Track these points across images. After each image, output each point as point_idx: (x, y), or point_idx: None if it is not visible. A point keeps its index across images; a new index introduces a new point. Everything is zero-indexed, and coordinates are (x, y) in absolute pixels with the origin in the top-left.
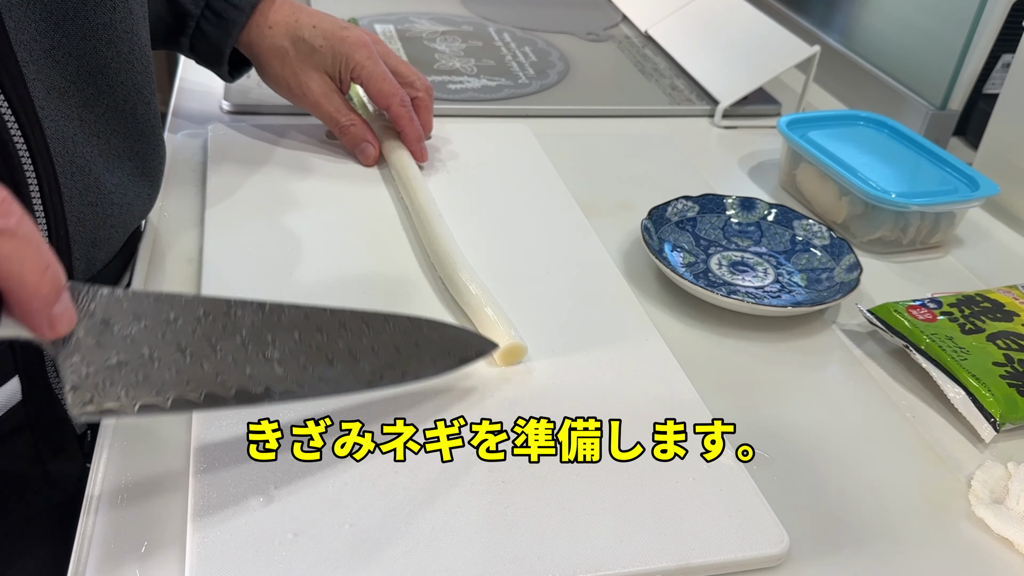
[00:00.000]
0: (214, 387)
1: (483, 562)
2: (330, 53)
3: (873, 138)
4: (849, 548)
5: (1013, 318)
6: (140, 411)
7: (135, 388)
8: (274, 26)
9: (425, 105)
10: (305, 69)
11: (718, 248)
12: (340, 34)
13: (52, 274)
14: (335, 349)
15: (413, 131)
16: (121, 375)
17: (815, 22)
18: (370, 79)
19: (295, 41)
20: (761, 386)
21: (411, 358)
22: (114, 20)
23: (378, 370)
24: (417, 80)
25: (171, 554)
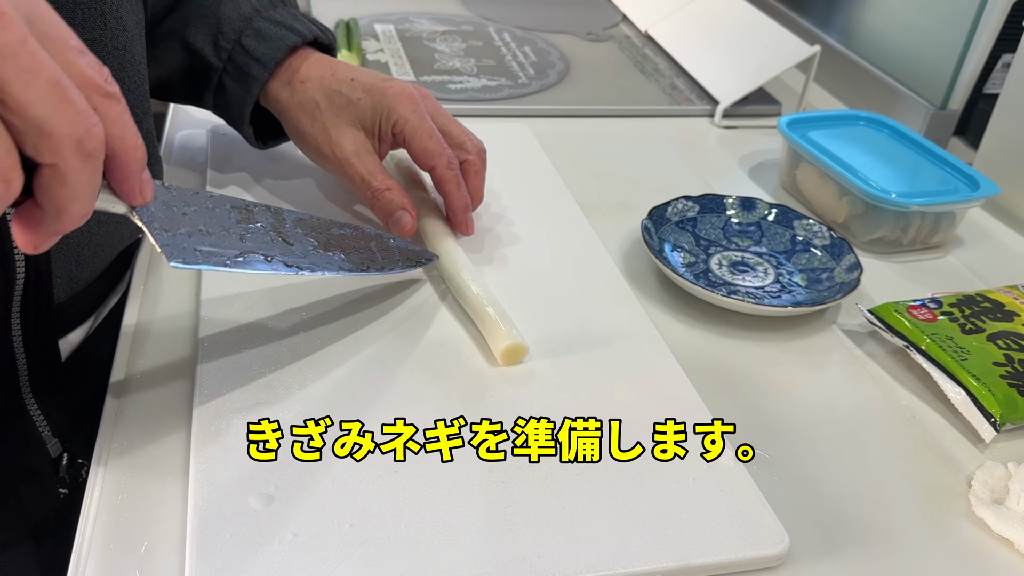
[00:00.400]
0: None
1: (483, 562)
2: (369, 106)
3: (873, 138)
4: (849, 548)
5: (1013, 318)
6: (214, 264)
7: (205, 250)
8: (307, 80)
9: (475, 170)
10: (338, 124)
11: (718, 248)
12: (382, 86)
13: (142, 141)
14: (330, 244)
15: (459, 199)
16: (191, 240)
17: (815, 22)
18: (414, 135)
19: (329, 94)
20: (761, 386)
21: (384, 258)
22: (104, 37)
23: (365, 261)
24: (468, 142)
25: (171, 554)
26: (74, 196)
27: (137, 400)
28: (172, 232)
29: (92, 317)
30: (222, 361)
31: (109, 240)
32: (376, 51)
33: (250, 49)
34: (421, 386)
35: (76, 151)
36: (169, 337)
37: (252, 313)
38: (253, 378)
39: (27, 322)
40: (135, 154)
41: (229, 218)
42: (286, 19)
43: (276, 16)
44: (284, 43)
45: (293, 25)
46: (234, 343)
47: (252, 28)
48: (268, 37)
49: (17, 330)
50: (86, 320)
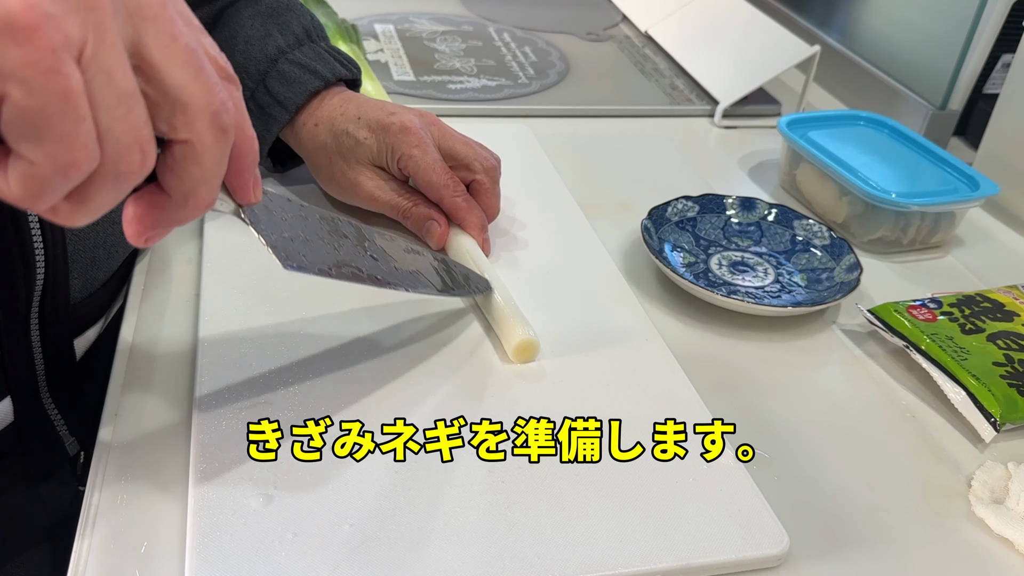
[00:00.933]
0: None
1: (483, 562)
2: (375, 145)
3: (873, 138)
4: (849, 548)
5: (1013, 318)
6: (319, 273)
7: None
8: (319, 123)
9: (484, 189)
10: (352, 165)
11: (718, 248)
12: (385, 121)
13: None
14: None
15: (474, 220)
16: (294, 245)
17: (815, 22)
18: (418, 171)
19: (337, 136)
20: (761, 386)
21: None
22: None
23: (439, 284)
24: (475, 162)
25: (171, 554)
26: (204, 178)
27: (137, 400)
28: (277, 235)
29: (103, 317)
30: (222, 361)
31: (123, 240)
32: (376, 51)
33: (273, 92)
34: (421, 386)
35: (212, 125)
36: (169, 337)
37: (252, 313)
38: (253, 378)
39: (45, 323)
40: (251, 146)
41: (320, 228)
42: (310, 61)
43: (301, 58)
44: (307, 88)
45: (316, 68)
46: (234, 343)
47: (276, 70)
48: (291, 81)
49: (36, 331)
50: (99, 320)
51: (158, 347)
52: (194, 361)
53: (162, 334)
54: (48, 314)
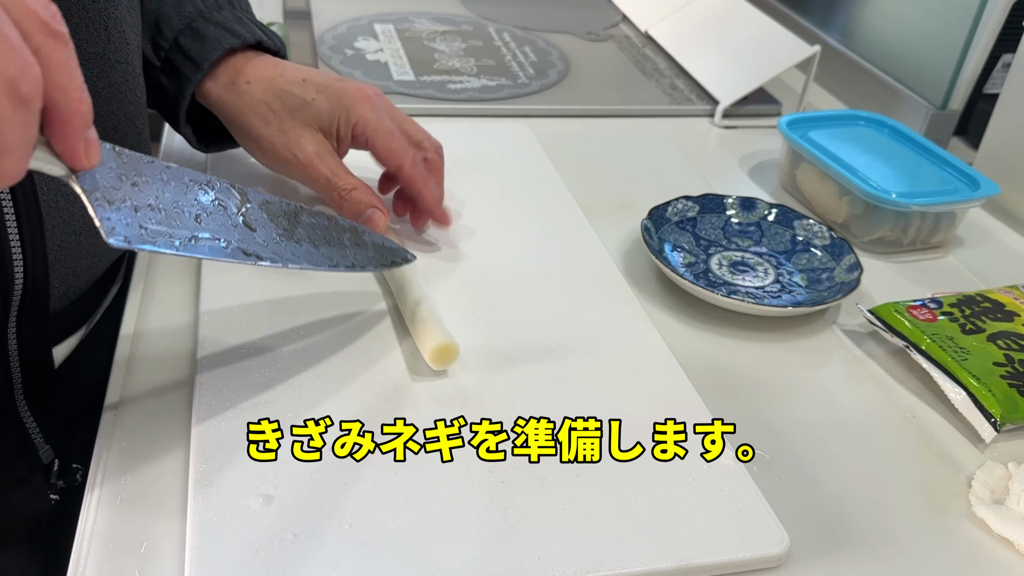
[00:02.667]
0: (214, 243)
1: (483, 562)
2: (326, 107)
3: (873, 138)
4: (849, 548)
5: (1013, 318)
6: (160, 246)
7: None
8: (253, 81)
9: (435, 167)
10: (295, 125)
11: (718, 248)
12: (336, 86)
13: (87, 95)
14: (298, 235)
15: (430, 193)
16: (137, 216)
17: (815, 22)
18: (376, 135)
19: (281, 95)
20: (761, 386)
21: (356, 254)
22: (108, 50)
23: (333, 256)
24: (426, 140)
25: (171, 554)
26: (4, 149)
27: (137, 400)
28: (116, 204)
29: (85, 325)
30: (222, 361)
31: (106, 250)
32: (376, 51)
33: (186, 49)
34: (421, 386)
35: (8, 94)
36: (169, 337)
37: (252, 313)
38: (253, 378)
39: (23, 331)
40: (79, 107)
41: (186, 194)
42: (227, 21)
43: (218, 18)
44: (221, 44)
45: (234, 27)
46: (234, 343)
47: (191, 28)
48: (205, 38)
49: (13, 339)
50: (80, 328)
51: (158, 347)
52: (194, 361)
53: (162, 334)
54: (26, 323)
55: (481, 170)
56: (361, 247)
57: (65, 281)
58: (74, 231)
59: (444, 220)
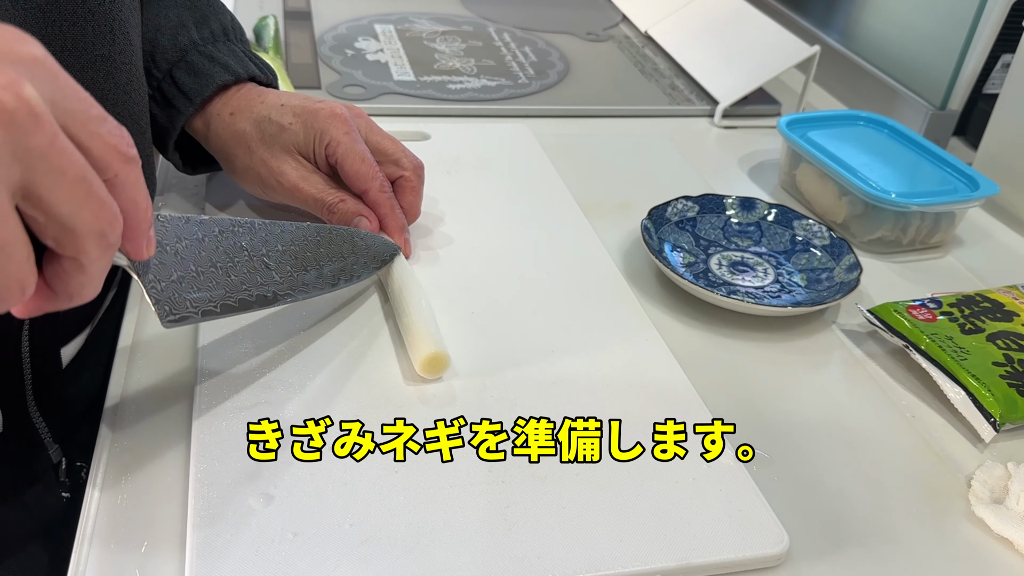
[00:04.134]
0: (243, 295)
1: (483, 562)
2: (301, 130)
3: (873, 138)
4: (849, 548)
5: (1013, 318)
6: (203, 317)
7: (194, 298)
8: (236, 112)
9: (411, 187)
10: (275, 153)
11: (718, 248)
12: (312, 108)
13: (151, 201)
14: (307, 258)
15: (393, 221)
16: (182, 288)
17: (815, 22)
18: (345, 158)
19: (260, 123)
20: (761, 386)
21: (353, 263)
22: (113, 52)
23: (336, 273)
24: (404, 158)
25: (171, 554)
26: (89, 282)
27: (137, 400)
28: (165, 282)
29: (89, 324)
30: (222, 361)
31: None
32: (376, 51)
33: (179, 82)
34: (421, 386)
35: (98, 244)
36: (169, 337)
37: (252, 313)
38: (253, 378)
39: (34, 333)
40: (146, 215)
41: (217, 248)
42: (222, 55)
43: (213, 52)
44: (214, 81)
45: (228, 62)
46: (234, 343)
47: (186, 61)
48: (199, 72)
49: (26, 342)
50: (84, 328)
51: (158, 347)
52: (194, 361)
53: (162, 334)
54: (38, 325)
55: (481, 170)
56: (357, 254)
57: None
58: None
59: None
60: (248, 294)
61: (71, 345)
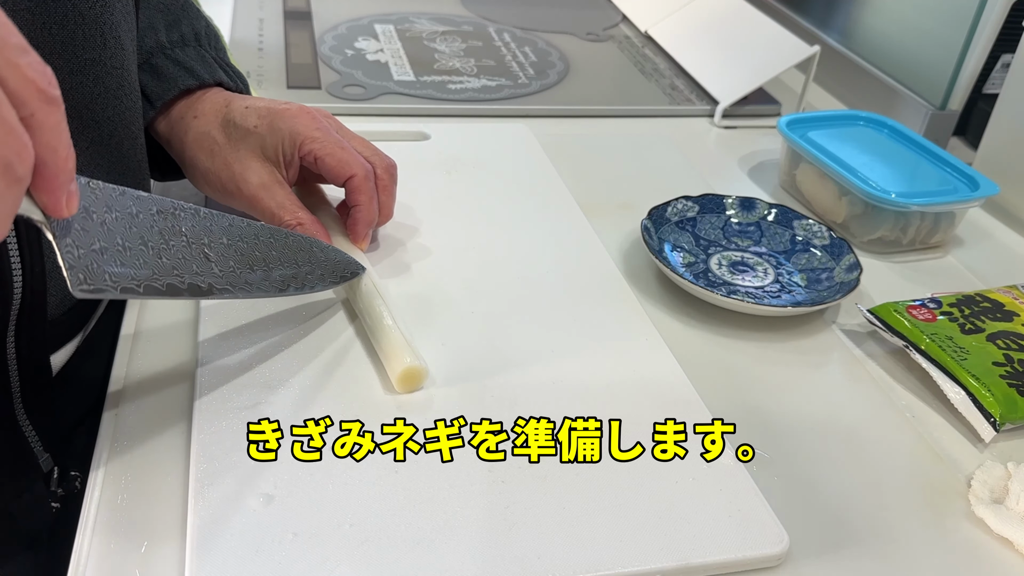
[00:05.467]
0: (173, 279)
1: (483, 562)
2: (268, 131)
3: (873, 138)
4: (849, 548)
5: (1013, 318)
6: (121, 292)
7: (115, 273)
8: (200, 116)
9: (384, 186)
10: (240, 157)
11: (718, 248)
12: (277, 108)
13: (73, 151)
14: (255, 257)
15: (368, 213)
16: (103, 259)
17: (815, 22)
18: (323, 150)
19: (225, 126)
20: (761, 386)
21: (308, 273)
22: (103, 56)
23: (286, 279)
24: (375, 157)
25: (171, 555)
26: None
27: (137, 400)
28: (85, 249)
29: (81, 331)
30: (222, 361)
31: None
32: (376, 51)
33: (143, 85)
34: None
35: (2, 175)
36: (169, 337)
37: (253, 312)
38: (253, 378)
39: (21, 341)
40: (65, 164)
41: (151, 228)
42: (188, 60)
43: (179, 56)
44: (177, 85)
45: (193, 67)
46: (234, 343)
47: (150, 64)
48: (163, 76)
49: (12, 348)
50: (76, 335)
51: (158, 347)
52: (194, 361)
53: (162, 334)
54: (25, 331)
55: (481, 170)
56: (313, 264)
57: (62, 290)
58: None
59: (360, 240)
60: (179, 280)
61: (61, 352)
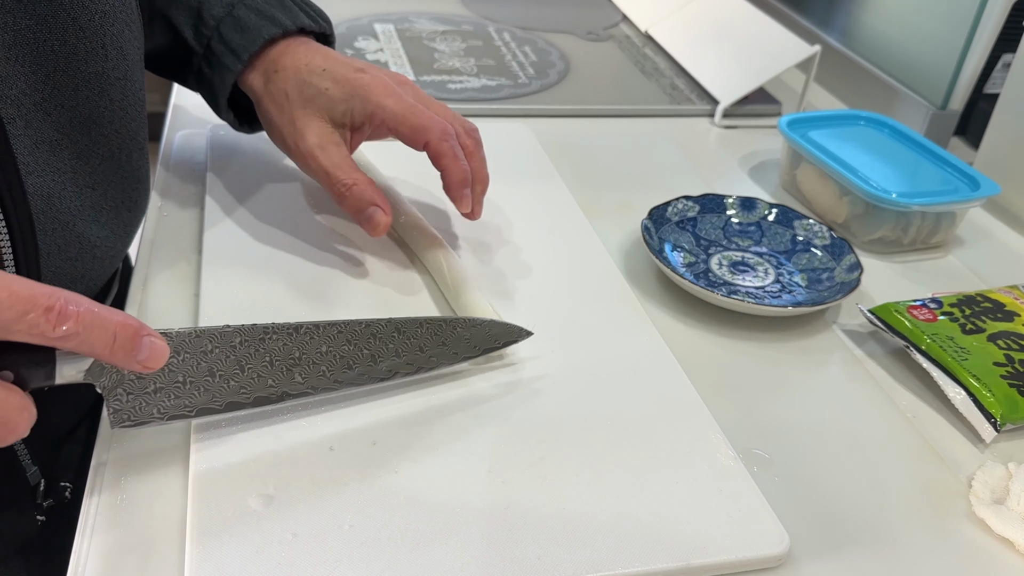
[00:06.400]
0: (236, 396)
1: (483, 562)
2: (340, 95)
3: (873, 138)
4: (849, 548)
5: (1014, 318)
6: (168, 420)
7: (166, 406)
8: (281, 70)
9: (470, 151)
10: (304, 114)
11: (718, 248)
12: (353, 75)
13: (122, 339)
14: (358, 356)
15: (458, 171)
16: (156, 398)
17: (815, 22)
18: (396, 118)
19: (300, 84)
20: (761, 386)
21: (432, 355)
22: (107, 68)
23: (394, 368)
24: (455, 121)
25: (171, 554)
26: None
27: None
28: (136, 394)
29: None
30: None
31: (100, 270)
32: (376, 51)
33: (227, 39)
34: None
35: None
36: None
37: (252, 313)
38: None
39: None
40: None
41: (226, 359)
42: (269, 7)
43: (260, 4)
44: (261, 35)
45: (274, 15)
46: None
47: (232, 16)
48: (246, 28)
49: None
50: None
51: None
52: None
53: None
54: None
55: None
56: (449, 344)
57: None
58: (68, 257)
59: (462, 203)
60: (244, 397)
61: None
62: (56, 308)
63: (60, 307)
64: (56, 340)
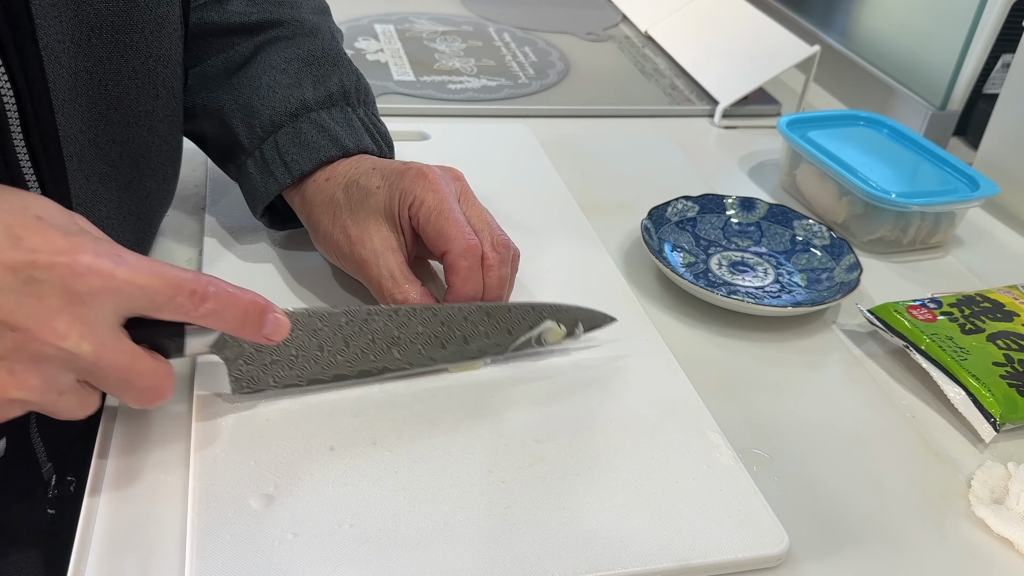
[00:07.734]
0: (342, 369)
1: (483, 562)
2: (387, 191)
3: (873, 138)
4: (849, 548)
5: (1013, 318)
6: (283, 388)
7: (280, 375)
8: (332, 177)
9: (490, 266)
10: (359, 220)
11: (718, 248)
12: (400, 168)
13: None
14: (451, 336)
15: (462, 295)
16: (271, 368)
17: (815, 22)
18: (428, 217)
19: (348, 187)
20: (761, 386)
21: (518, 337)
22: (156, 107)
23: (484, 348)
24: (487, 232)
25: (171, 554)
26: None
27: None
28: (255, 365)
29: None
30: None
31: None
32: (376, 51)
33: (283, 150)
34: (420, 385)
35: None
36: None
37: None
38: None
39: None
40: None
41: (335, 336)
42: (334, 126)
43: (325, 120)
44: (319, 156)
45: (338, 135)
46: None
47: (293, 127)
48: (306, 144)
49: None
50: None
51: None
52: (194, 360)
53: None
54: None
55: (481, 170)
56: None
57: None
58: None
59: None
60: (349, 368)
61: None
62: (199, 291)
63: (202, 290)
64: (198, 318)
